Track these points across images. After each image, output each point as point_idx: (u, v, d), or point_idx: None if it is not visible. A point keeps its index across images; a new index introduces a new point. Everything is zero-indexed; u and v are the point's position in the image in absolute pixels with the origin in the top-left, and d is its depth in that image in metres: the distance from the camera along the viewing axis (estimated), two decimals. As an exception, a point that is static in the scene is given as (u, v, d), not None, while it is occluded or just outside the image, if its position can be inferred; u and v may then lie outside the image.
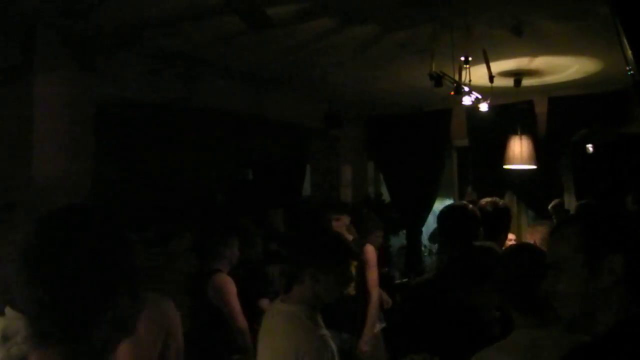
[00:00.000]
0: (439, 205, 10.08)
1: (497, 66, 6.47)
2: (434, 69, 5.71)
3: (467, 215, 4.02)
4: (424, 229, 9.64)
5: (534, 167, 7.79)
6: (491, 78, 6.08)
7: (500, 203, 4.39)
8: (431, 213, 9.48)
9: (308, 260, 2.97)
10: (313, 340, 2.79)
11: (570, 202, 8.18)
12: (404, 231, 9.75)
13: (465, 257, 3.28)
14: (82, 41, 5.38)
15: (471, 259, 3.21)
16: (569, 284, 1.73)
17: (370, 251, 6.30)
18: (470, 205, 4.19)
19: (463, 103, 6.22)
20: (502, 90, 7.00)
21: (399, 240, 9.95)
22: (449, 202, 10.20)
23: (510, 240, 8.28)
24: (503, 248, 6.91)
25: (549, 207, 7.55)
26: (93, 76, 5.50)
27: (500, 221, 4.26)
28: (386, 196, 10.00)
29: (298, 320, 2.87)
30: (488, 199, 4.42)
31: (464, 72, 5.86)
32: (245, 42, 5.83)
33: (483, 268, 3.04)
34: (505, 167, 7.93)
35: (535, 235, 5.62)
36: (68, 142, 5.27)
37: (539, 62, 6.73)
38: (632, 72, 4.85)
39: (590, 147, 8.25)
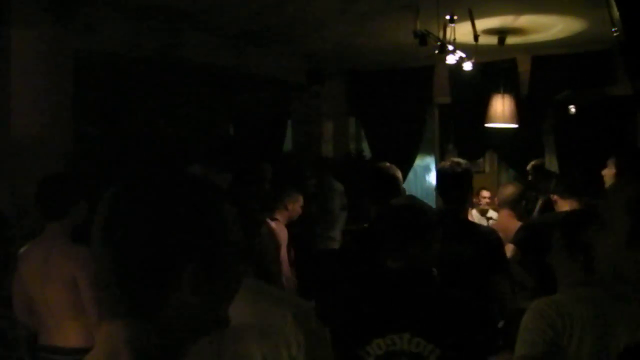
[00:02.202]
0: (419, 161, 10.11)
1: (482, 24, 6.42)
2: (418, 27, 5.66)
3: (382, 175, 4.05)
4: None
5: (516, 126, 7.80)
6: (476, 37, 6.05)
7: (463, 164, 4.36)
8: (412, 169, 9.50)
9: None
10: None
11: (552, 163, 8.22)
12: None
13: (383, 218, 3.15)
14: (61, -7, 5.26)
15: (389, 219, 3.07)
16: (607, 244, 1.63)
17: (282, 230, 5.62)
18: (391, 165, 4.21)
19: (447, 62, 6.19)
20: (486, 48, 6.96)
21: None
22: (430, 158, 10.24)
23: (485, 197, 8.37)
24: (472, 208, 6.98)
25: (528, 167, 7.57)
26: (72, 30, 5.39)
27: (462, 182, 4.25)
28: (367, 152, 9.99)
29: None
30: (450, 160, 4.40)
31: (448, 30, 5.82)
32: (228, -4, 5.74)
33: (403, 228, 2.94)
34: (487, 125, 7.93)
35: (501, 195, 5.63)
36: (47, 98, 5.18)
37: (523, 20, 6.69)
38: (617, 32, 4.84)
39: (572, 108, 8.26)
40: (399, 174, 4.33)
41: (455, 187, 4.06)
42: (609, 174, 4.59)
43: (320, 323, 2.34)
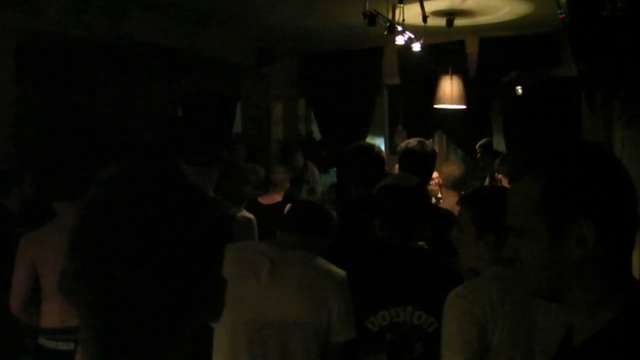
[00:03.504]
0: (369, 142, 10.13)
1: (430, 5, 6.43)
2: (367, 8, 5.66)
3: (372, 156, 4.06)
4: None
5: (464, 107, 7.87)
6: (425, 18, 6.07)
7: (428, 144, 4.39)
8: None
9: None
10: None
11: (499, 143, 8.32)
12: (335, 169, 9.79)
13: (373, 196, 3.28)
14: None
15: (383, 196, 3.20)
16: (531, 254, 1.38)
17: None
18: (377, 145, 4.21)
19: (396, 43, 6.20)
20: (435, 30, 6.99)
21: (330, 177, 10.00)
22: (379, 139, 10.28)
23: (434, 179, 8.45)
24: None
25: (477, 145, 7.66)
26: (12, 9, 5.24)
27: (427, 162, 4.27)
28: (317, 134, 10.00)
29: None
30: (415, 140, 4.41)
31: (397, 11, 5.82)
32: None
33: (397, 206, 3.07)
34: (436, 106, 7.99)
35: (444, 175, 5.68)
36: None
37: (471, 2, 6.73)
38: (563, 15, 4.90)
39: (519, 89, 8.36)
40: (384, 154, 4.32)
41: (421, 166, 4.09)
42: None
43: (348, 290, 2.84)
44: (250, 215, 3.94)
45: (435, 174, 8.43)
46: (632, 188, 1.35)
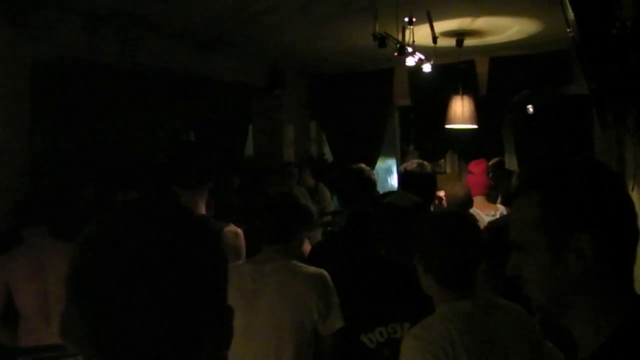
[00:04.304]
0: (381, 164, 10.15)
1: (440, 26, 6.47)
2: (377, 30, 5.69)
3: (362, 178, 4.10)
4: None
5: (475, 126, 7.87)
6: (434, 39, 6.09)
7: (427, 165, 4.41)
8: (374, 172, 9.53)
9: None
10: None
11: (511, 162, 8.32)
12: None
13: (366, 216, 3.36)
14: (13, -1, 5.16)
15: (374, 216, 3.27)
16: (532, 270, 1.38)
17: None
18: (367, 168, 4.26)
19: (406, 64, 6.22)
20: (445, 50, 7.02)
21: (342, 199, 10.00)
22: (391, 161, 10.29)
23: (441, 197, 8.44)
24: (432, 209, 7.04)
25: (488, 165, 7.66)
26: (27, 36, 5.29)
27: (427, 183, 4.29)
28: (329, 155, 10.01)
29: None
30: (414, 162, 4.44)
31: (407, 32, 5.85)
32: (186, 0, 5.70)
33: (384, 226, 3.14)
34: (447, 126, 8.00)
35: (449, 196, 5.68)
36: (2, 105, 5.08)
37: (480, 22, 6.75)
38: (572, 33, 4.91)
39: (530, 107, 8.37)
40: (374, 176, 4.37)
41: (421, 188, 4.09)
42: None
43: (332, 289, 3.01)
44: (237, 229, 3.93)
45: (441, 193, 8.48)
46: (631, 202, 1.37)
